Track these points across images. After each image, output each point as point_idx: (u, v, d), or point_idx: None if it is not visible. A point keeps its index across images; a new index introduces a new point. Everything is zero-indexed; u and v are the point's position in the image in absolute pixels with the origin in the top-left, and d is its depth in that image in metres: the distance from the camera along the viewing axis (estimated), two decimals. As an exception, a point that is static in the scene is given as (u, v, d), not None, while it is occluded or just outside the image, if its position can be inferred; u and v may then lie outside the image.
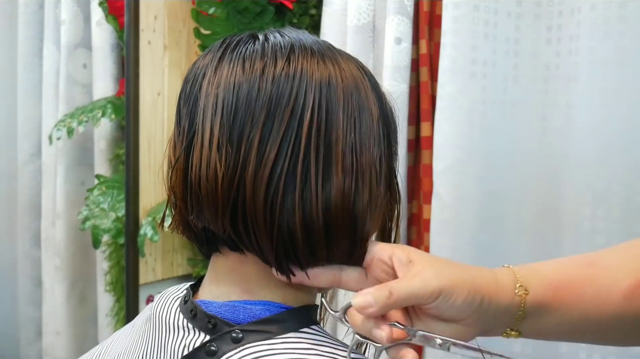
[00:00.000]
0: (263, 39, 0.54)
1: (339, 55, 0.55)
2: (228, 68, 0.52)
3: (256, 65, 0.51)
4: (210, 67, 0.53)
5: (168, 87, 1.53)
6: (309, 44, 0.54)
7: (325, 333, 0.53)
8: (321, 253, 0.51)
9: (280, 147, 0.49)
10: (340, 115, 0.51)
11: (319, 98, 0.50)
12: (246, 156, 0.49)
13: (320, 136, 0.50)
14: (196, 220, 0.53)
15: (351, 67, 0.54)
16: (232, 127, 0.50)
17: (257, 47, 0.53)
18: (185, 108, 0.54)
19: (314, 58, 0.52)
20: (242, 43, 0.54)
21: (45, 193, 1.74)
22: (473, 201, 1.07)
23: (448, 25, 1.06)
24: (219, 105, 0.50)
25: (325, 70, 0.52)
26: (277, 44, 0.53)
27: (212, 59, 0.54)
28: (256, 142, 0.49)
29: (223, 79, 0.51)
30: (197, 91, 0.53)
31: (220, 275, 0.55)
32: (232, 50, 0.53)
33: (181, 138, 0.53)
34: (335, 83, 0.51)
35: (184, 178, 0.52)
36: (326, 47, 0.55)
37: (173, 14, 1.53)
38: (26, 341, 1.81)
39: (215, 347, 0.50)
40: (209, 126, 0.50)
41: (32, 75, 1.76)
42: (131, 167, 1.42)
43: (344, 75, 0.52)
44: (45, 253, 1.74)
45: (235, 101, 0.50)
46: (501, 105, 1.08)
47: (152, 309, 0.57)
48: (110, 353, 0.60)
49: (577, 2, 1.00)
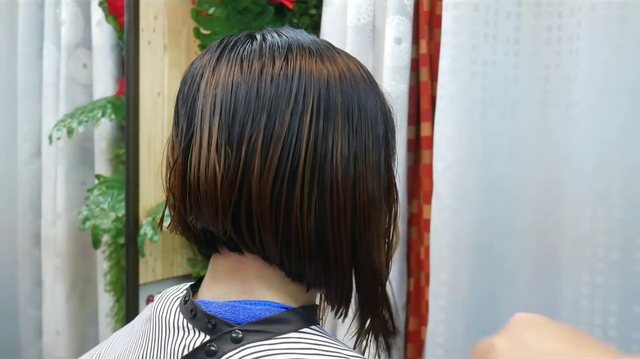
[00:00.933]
0: (261, 38, 0.54)
1: (338, 54, 0.55)
2: (226, 68, 0.52)
3: (254, 65, 0.51)
4: (208, 67, 0.53)
5: (168, 87, 1.53)
6: (307, 44, 0.54)
7: (325, 333, 0.53)
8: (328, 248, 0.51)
9: (282, 148, 0.49)
10: (339, 116, 0.51)
11: (317, 98, 0.50)
12: (249, 158, 0.49)
13: (319, 137, 0.50)
14: (195, 221, 0.53)
15: (350, 65, 0.54)
16: (231, 128, 0.50)
17: (255, 47, 0.53)
18: (183, 108, 0.54)
19: (312, 57, 0.52)
20: (239, 43, 0.54)
21: (46, 193, 1.74)
22: (473, 201, 1.07)
23: (448, 25, 1.06)
24: (217, 105, 0.50)
25: (323, 70, 0.52)
26: (274, 44, 0.53)
27: (209, 59, 0.54)
28: (259, 143, 0.49)
29: (221, 80, 0.51)
30: (195, 92, 0.53)
31: (220, 275, 0.55)
32: (230, 51, 0.53)
33: (179, 139, 0.53)
34: (334, 82, 0.52)
35: (183, 179, 0.52)
36: (324, 46, 0.55)
37: (173, 14, 1.53)
38: (26, 341, 1.81)
39: (215, 347, 0.50)
40: (207, 127, 0.50)
41: (32, 75, 1.76)
42: (131, 167, 1.42)
43: (342, 74, 0.53)
44: (46, 253, 1.74)
45: (234, 102, 0.50)
46: (501, 105, 1.07)
47: (152, 310, 0.57)
48: (110, 353, 0.60)
49: (577, 2, 1.00)
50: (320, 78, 0.51)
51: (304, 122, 0.49)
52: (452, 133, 1.07)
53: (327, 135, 0.50)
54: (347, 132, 0.51)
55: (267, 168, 0.49)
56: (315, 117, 0.50)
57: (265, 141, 0.49)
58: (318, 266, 0.52)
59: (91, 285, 1.73)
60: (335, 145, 0.50)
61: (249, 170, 0.49)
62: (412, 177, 1.20)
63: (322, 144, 0.50)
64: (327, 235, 0.51)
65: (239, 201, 0.50)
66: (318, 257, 0.52)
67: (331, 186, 0.50)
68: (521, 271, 1.08)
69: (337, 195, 0.51)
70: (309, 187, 0.49)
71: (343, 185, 0.51)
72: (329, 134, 0.50)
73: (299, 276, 0.53)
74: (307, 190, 0.49)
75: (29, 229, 1.80)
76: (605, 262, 0.96)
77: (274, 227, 0.50)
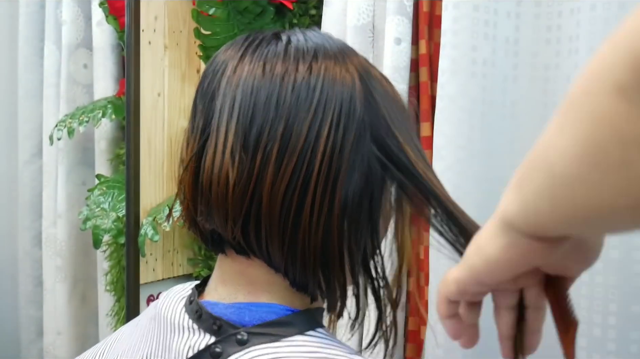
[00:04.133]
0: (286, 40, 0.52)
1: (364, 64, 0.53)
2: (248, 68, 0.51)
3: (277, 69, 0.50)
4: (230, 64, 0.52)
5: (168, 87, 1.53)
6: (334, 51, 0.52)
7: (330, 336, 0.53)
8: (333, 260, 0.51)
9: (297, 160, 0.48)
10: (357, 132, 0.50)
11: (338, 112, 0.49)
12: (263, 166, 0.48)
13: (335, 152, 0.49)
14: (205, 222, 0.53)
15: (380, 79, 0.53)
16: (247, 134, 0.49)
17: (280, 50, 0.51)
18: (201, 104, 0.53)
19: (338, 66, 0.51)
20: (264, 42, 0.53)
21: (46, 193, 1.74)
22: (473, 201, 1.07)
23: (448, 25, 1.06)
24: (236, 108, 0.50)
25: (347, 81, 0.50)
26: (300, 48, 0.51)
27: (233, 55, 0.53)
28: (274, 153, 0.48)
29: (242, 81, 0.50)
30: (215, 89, 0.52)
31: (227, 276, 0.55)
32: (255, 50, 0.52)
33: (194, 136, 0.53)
34: (357, 97, 0.50)
35: (195, 179, 0.52)
36: (353, 55, 0.53)
37: (173, 14, 1.53)
38: (27, 341, 1.82)
39: (220, 349, 0.50)
40: (223, 130, 0.50)
41: (33, 75, 1.76)
42: (131, 167, 1.42)
43: (365, 88, 0.51)
44: (46, 253, 1.74)
45: (253, 107, 0.49)
46: (501, 105, 1.08)
47: (157, 309, 0.57)
48: (114, 351, 0.61)
49: (577, 2, 1.00)
50: (343, 91, 0.50)
51: (321, 136, 0.48)
52: (451, 134, 1.07)
53: (343, 150, 0.49)
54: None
55: (279, 178, 0.48)
56: (334, 131, 0.49)
57: (280, 151, 0.48)
58: (321, 280, 0.52)
59: (92, 285, 1.74)
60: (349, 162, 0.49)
61: (262, 178, 0.48)
62: (412, 177, 1.20)
63: (337, 159, 0.49)
64: (334, 251, 0.51)
65: (249, 209, 0.49)
66: (323, 271, 0.51)
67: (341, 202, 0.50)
68: (521, 271, 1.08)
69: (348, 212, 0.50)
70: (319, 202, 0.49)
71: (356, 202, 0.50)
72: (345, 149, 0.49)
73: (303, 287, 0.53)
74: (318, 205, 0.49)
75: (29, 229, 1.80)
76: (604, 262, 0.96)
77: (280, 238, 0.50)
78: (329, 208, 0.49)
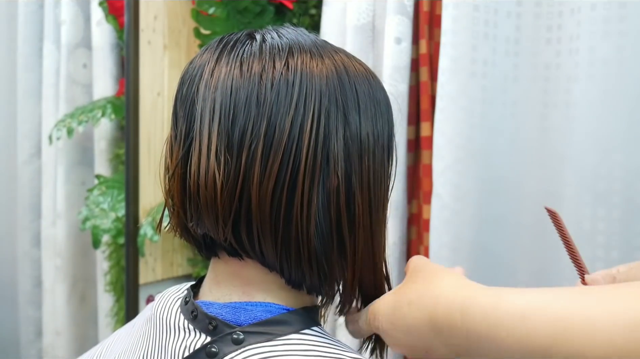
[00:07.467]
0: (260, 39, 0.53)
1: (338, 53, 0.54)
2: (225, 70, 0.51)
3: (254, 68, 0.50)
4: (207, 67, 0.52)
5: (168, 87, 1.53)
6: (308, 46, 0.53)
7: (326, 334, 0.53)
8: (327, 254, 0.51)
9: (282, 156, 0.48)
10: (340, 123, 0.50)
11: (319, 105, 0.49)
12: (249, 166, 0.48)
13: (319, 145, 0.49)
14: (196, 227, 0.52)
15: (355, 66, 0.53)
16: (230, 135, 0.49)
17: (255, 49, 0.52)
18: (181, 110, 0.53)
19: (314, 60, 0.51)
20: (239, 43, 0.53)
21: (45, 193, 1.74)
22: (473, 201, 1.07)
23: (448, 25, 1.06)
24: (217, 110, 0.50)
25: (325, 73, 0.51)
26: (275, 46, 0.52)
27: (209, 59, 0.53)
28: (259, 151, 0.48)
29: (220, 83, 0.50)
30: (194, 94, 0.52)
31: (221, 278, 0.55)
32: (230, 51, 0.52)
33: (178, 143, 0.52)
34: (335, 86, 0.51)
35: (182, 185, 0.52)
36: (325, 47, 0.54)
37: (173, 13, 1.53)
38: (26, 341, 1.82)
39: (216, 348, 0.50)
40: (206, 133, 0.49)
41: (32, 75, 1.77)
42: (131, 167, 1.42)
43: (344, 78, 0.51)
44: (46, 253, 1.74)
45: (234, 107, 0.49)
46: (501, 105, 1.07)
47: (153, 310, 0.57)
48: (111, 353, 0.60)
49: (577, 2, 1.00)
50: (321, 83, 0.50)
51: (304, 130, 0.48)
52: (451, 133, 1.06)
53: (327, 142, 0.49)
54: (348, 140, 0.50)
55: (267, 176, 0.48)
56: (317, 124, 0.49)
57: (265, 149, 0.48)
58: (318, 274, 0.52)
59: (91, 285, 1.74)
60: (336, 154, 0.49)
61: (249, 178, 0.48)
62: (412, 177, 1.20)
63: (322, 152, 0.49)
64: (328, 245, 0.51)
65: (239, 210, 0.49)
66: (318, 266, 0.51)
67: (330, 195, 0.50)
68: (521, 271, 1.08)
69: (337, 204, 0.50)
70: (308, 196, 0.49)
71: (344, 194, 0.50)
72: (329, 141, 0.49)
73: (299, 284, 0.53)
74: (307, 200, 0.49)
75: (29, 229, 1.80)
76: (604, 262, 0.96)
77: (273, 236, 0.49)
78: (318, 202, 0.49)
